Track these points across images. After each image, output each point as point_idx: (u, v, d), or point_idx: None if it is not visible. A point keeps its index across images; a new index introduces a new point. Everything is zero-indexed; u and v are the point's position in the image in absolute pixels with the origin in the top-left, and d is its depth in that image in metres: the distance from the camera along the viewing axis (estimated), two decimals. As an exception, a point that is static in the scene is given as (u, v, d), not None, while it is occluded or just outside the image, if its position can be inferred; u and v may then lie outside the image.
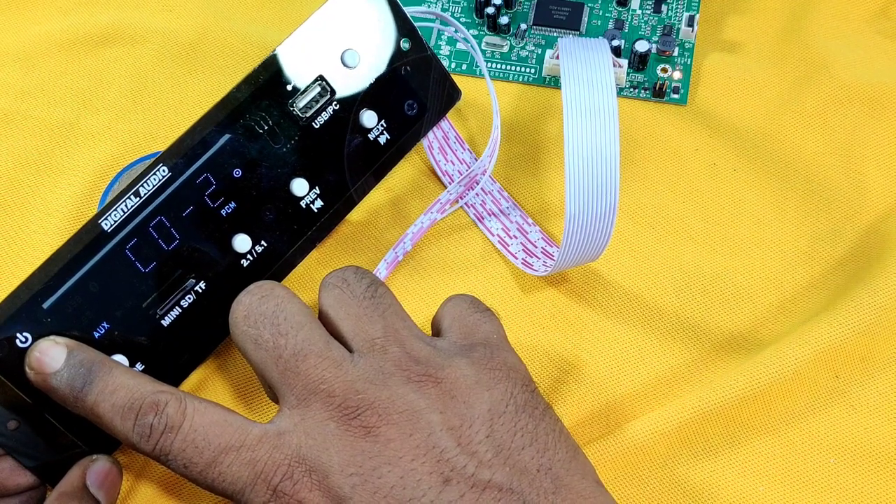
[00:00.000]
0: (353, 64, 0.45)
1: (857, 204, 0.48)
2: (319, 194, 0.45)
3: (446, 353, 0.37)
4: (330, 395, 0.35)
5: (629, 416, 0.43)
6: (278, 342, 0.36)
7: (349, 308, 0.37)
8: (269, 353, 0.36)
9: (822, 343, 0.43)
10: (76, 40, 0.54)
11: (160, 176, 0.41)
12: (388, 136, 0.46)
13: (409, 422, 0.34)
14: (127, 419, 0.36)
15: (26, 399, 0.39)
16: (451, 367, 0.36)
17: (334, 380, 0.35)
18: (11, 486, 0.39)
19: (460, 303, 0.40)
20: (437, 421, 0.35)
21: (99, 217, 0.40)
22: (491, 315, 0.40)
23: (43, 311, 0.39)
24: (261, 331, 0.37)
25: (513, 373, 0.37)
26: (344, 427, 0.34)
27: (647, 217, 0.48)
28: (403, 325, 0.38)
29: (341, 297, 0.38)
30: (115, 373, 0.37)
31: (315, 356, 0.36)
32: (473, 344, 0.38)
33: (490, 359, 0.37)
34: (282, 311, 0.37)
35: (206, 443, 0.35)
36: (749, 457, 0.42)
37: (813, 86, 0.51)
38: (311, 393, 0.35)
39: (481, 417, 0.35)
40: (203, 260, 0.42)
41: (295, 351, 0.36)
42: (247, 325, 0.37)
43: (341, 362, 0.36)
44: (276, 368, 0.36)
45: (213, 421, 0.35)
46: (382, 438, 0.34)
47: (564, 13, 0.53)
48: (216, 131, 0.42)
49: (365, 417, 0.34)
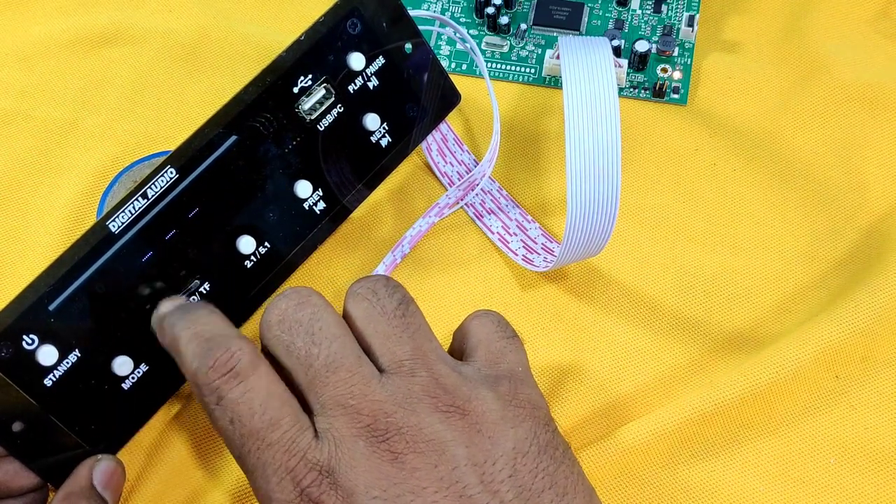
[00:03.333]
0: (358, 67, 0.45)
1: (857, 204, 0.48)
2: (322, 196, 0.45)
3: (473, 383, 0.36)
4: (358, 411, 0.34)
5: (629, 415, 0.43)
6: (311, 351, 0.36)
7: (378, 325, 0.37)
8: (300, 361, 0.36)
9: (822, 343, 0.43)
10: (76, 40, 0.54)
11: (168, 177, 0.41)
12: (389, 139, 0.46)
13: (436, 452, 0.34)
14: (200, 346, 0.35)
15: (31, 401, 0.39)
16: (478, 400, 0.36)
17: (363, 397, 0.35)
18: (15, 487, 0.39)
19: (487, 324, 0.39)
20: (463, 455, 0.34)
21: (106, 218, 0.40)
22: (517, 342, 0.39)
23: (49, 312, 0.39)
24: (294, 337, 0.36)
25: (536, 411, 0.36)
26: (372, 448, 0.34)
27: (647, 217, 0.48)
28: (431, 346, 0.37)
29: (371, 312, 0.37)
30: (212, 313, 0.37)
31: (346, 370, 0.35)
32: (499, 375, 0.37)
33: (515, 394, 0.36)
34: (317, 319, 0.36)
35: (261, 408, 0.34)
36: (749, 457, 0.42)
37: (813, 86, 0.51)
38: (337, 405, 0.35)
39: (505, 456, 0.35)
40: (208, 261, 0.42)
41: (327, 362, 0.35)
42: (280, 331, 0.36)
43: (370, 380, 0.35)
44: (304, 376, 0.36)
45: (276, 392, 0.35)
46: (409, 466, 0.34)
47: (564, 13, 0.54)
48: (223, 133, 0.42)
49: (393, 442, 0.34)
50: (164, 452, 0.43)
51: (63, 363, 0.39)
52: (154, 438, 0.44)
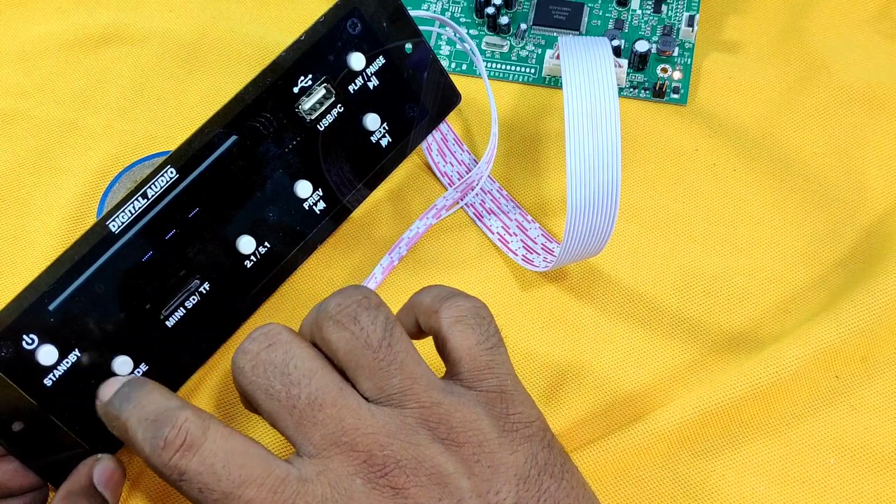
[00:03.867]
0: (359, 67, 0.45)
1: (857, 204, 0.48)
2: (322, 196, 0.45)
3: (466, 407, 0.35)
4: (352, 448, 0.33)
5: (629, 415, 0.43)
6: (291, 392, 0.34)
7: (363, 359, 0.35)
8: (282, 404, 0.34)
9: (822, 343, 0.43)
10: (76, 40, 0.54)
11: (168, 177, 0.41)
12: (389, 139, 0.46)
13: (438, 486, 0.33)
14: (147, 430, 0.34)
15: (31, 400, 0.39)
16: (474, 428, 0.35)
17: (355, 431, 0.33)
18: (15, 486, 0.39)
19: (469, 334, 0.37)
20: (467, 487, 0.33)
21: (106, 218, 0.40)
22: (501, 350, 0.37)
23: (49, 312, 0.39)
24: (271, 381, 0.35)
25: (530, 429, 0.35)
26: (371, 485, 0.33)
27: (647, 217, 0.48)
28: (420, 372, 0.35)
29: (354, 345, 0.35)
30: (153, 391, 0.36)
31: (330, 405, 0.34)
32: (489, 394, 0.36)
33: (507, 414, 0.35)
34: (291, 358, 0.35)
35: (225, 471, 0.33)
36: (749, 457, 0.42)
37: (813, 86, 0.51)
38: (331, 444, 0.33)
39: (508, 484, 0.34)
40: (208, 261, 0.42)
41: (310, 400, 0.34)
42: (255, 376, 0.35)
43: (359, 411, 0.34)
44: (290, 419, 0.34)
45: (236, 449, 0.34)
46: (411, 501, 0.33)
47: (564, 13, 0.54)
48: (223, 133, 0.42)
49: (393, 477, 0.33)
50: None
51: (63, 363, 0.39)
52: (154, 438, 0.44)
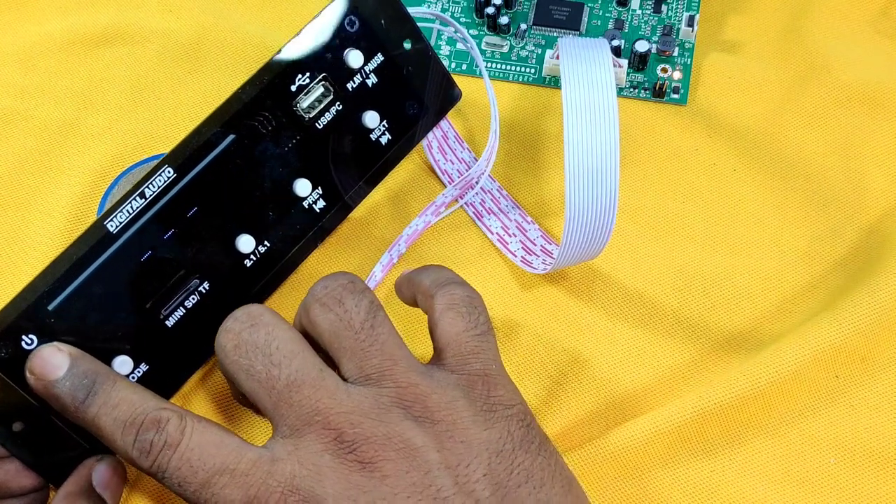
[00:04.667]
0: (357, 64, 0.45)
1: (857, 204, 0.48)
2: (322, 194, 0.45)
3: (444, 389, 0.36)
4: (325, 426, 0.34)
5: (629, 415, 0.43)
6: (271, 373, 0.35)
7: (345, 340, 0.36)
8: (261, 384, 0.35)
9: (822, 343, 0.43)
10: (76, 40, 0.54)
11: (166, 177, 0.41)
12: (389, 137, 0.46)
13: (407, 459, 0.34)
14: (128, 434, 0.35)
15: (31, 401, 0.39)
16: (450, 407, 0.35)
17: (329, 411, 0.34)
18: (16, 487, 0.39)
19: (457, 321, 0.38)
20: (436, 459, 0.34)
21: (104, 218, 0.40)
22: (489, 338, 0.38)
23: (48, 312, 0.39)
24: (252, 361, 0.36)
25: (510, 409, 0.36)
26: (339, 460, 0.34)
27: (647, 217, 0.48)
28: (401, 355, 0.36)
29: (338, 326, 0.36)
30: (119, 386, 0.37)
31: (309, 386, 0.35)
32: (471, 376, 0.37)
33: (488, 396, 0.36)
34: (273, 339, 0.36)
35: (200, 462, 0.34)
36: (749, 457, 0.42)
37: (813, 86, 0.51)
38: (304, 423, 0.34)
39: (479, 457, 0.34)
40: (207, 260, 0.42)
41: (288, 381, 0.35)
42: (237, 356, 0.36)
43: (335, 392, 0.35)
44: (269, 399, 0.35)
45: (210, 441, 0.35)
46: (378, 474, 0.34)
47: (564, 13, 0.54)
48: (221, 132, 0.42)
49: (361, 451, 0.34)
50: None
51: (62, 363, 0.39)
52: (154, 438, 0.44)
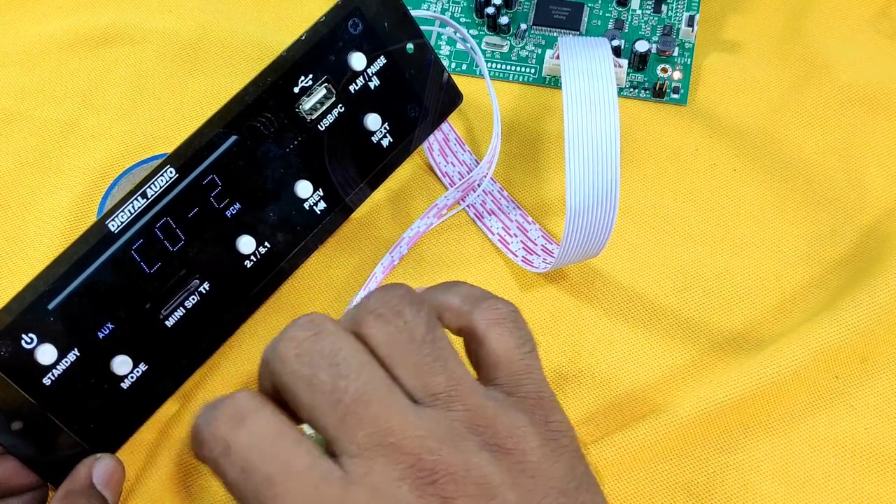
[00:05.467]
0: (359, 67, 0.45)
1: (857, 204, 0.48)
2: (323, 196, 0.45)
3: (509, 413, 0.33)
4: (400, 450, 0.31)
5: (628, 415, 0.43)
6: (338, 385, 0.32)
7: (406, 354, 0.33)
8: (326, 397, 0.32)
9: (822, 343, 0.43)
10: (76, 40, 0.54)
11: (167, 177, 0.41)
12: (390, 139, 0.46)
13: (486, 497, 0.31)
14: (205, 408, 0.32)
15: (30, 399, 0.39)
16: (519, 435, 0.33)
17: (402, 432, 0.31)
18: (15, 485, 0.39)
19: (507, 337, 0.35)
20: (513, 499, 0.31)
21: (106, 218, 0.40)
22: (536, 356, 0.36)
23: (48, 311, 0.39)
24: (316, 371, 0.32)
25: (567, 439, 0.34)
26: (418, 493, 0.31)
27: (647, 217, 0.48)
28: (463, 373, 0.34)
29: (397, 339, 0.33)
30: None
31: (377, 403, 0.32)
32: (528, 399, 0.34)
33: (547, 422, 0.34)
34: (339, 349, 0.33)
35: (272, 450, 0.31)
36: (750, 457, 0.42)
37: (813, 86, 0.51)
38: (376, 444, 0.31)
39: (549, 495, 0.32)
40: (208, 261, 0.42)
41: (357, 395, 0.32)
42: (299, 365, 0.32)
43: (406, 412, 0.32)
44: (333, 413, 0.32)
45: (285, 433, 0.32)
46: None
47: (564, 13, 0.54)
48: (223, 133, 0.42)
49: (442, 485, 0.31)
50: (164, 452, 0.43)
51: (62, 362, 0.39)
52: (154, 438, 0.44)
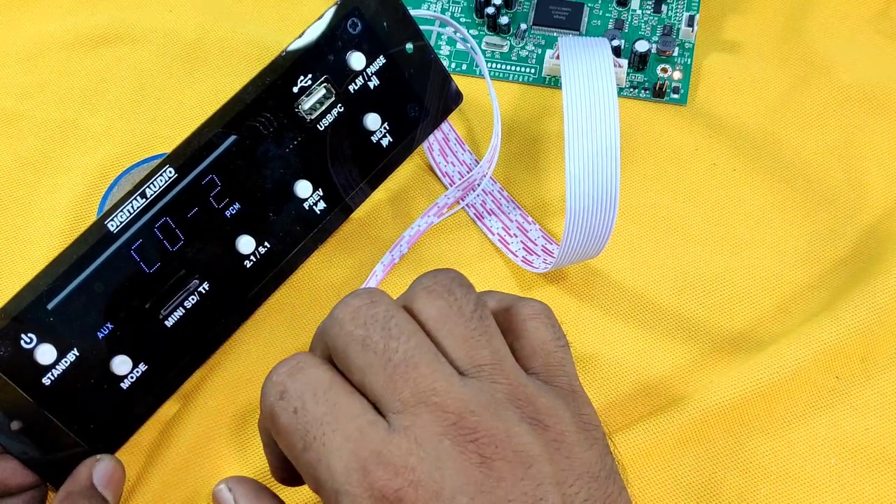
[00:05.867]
0: (359, 66, 0.45)
1: (857, 204, 0.48)
2: (322, 196, 0.45)
3: (549, 396, 0.35)
4: (443, 409, 0.32)
5: (628, 415, 0.44)
6: (389, 345, 0.34)
7: (455, 327, 0.34)
8: (378, 356, 0.34)
9: (822, 343, 0.43)
10: (77, 40, 0.54)
11: (167, 177, 0.41)
12: (390, 139, 0.46)
13: (523, 465, 0.32)
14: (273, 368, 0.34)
15: (29, 399, 0.39)
16: (557, 416, 0.34)
17: (446, 394, 0.33)
18: (14, 485, 0.39)
19: (543, 329, 0.37)
20: (548, 473, 0.33)
21: (105, 218, 0.40)
22: (569, 351, 0.37)
23: (47, 311, 0.39)
24: (370, 332, 0.34)
25: (598, 432, 0.35)
26: (460, 448, 0.32)
27: (647, 217, 0.48)
28: (507, 353, 0.35)
29: (447, 312, 0.35)
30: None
31: (426, 366, 0.33)
32: (563, 390, 0.35)
33: (580, 413, 0.35)
34: (392, 315, 0.35)
35: (325, 394, 0.33)
36: (750, 457, 0.42)
37: (813, 86, 0.51)
38: (420, 402, 0.33)
39: (581, 479, 0.33)
40: (207, 261, 0.42)
41: (406, 356, 0.34)
42: (354, 325, 0.34)
43: (451, 378, 0.33)
44: (383, 372, 0.33)
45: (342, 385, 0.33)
46: (496, 474, 0.32)
47: (564, 13, 0.54)
48: (222, 133, 0.42)
49: (481, 444, 0.32)
50: (164, 452, 0.43)
51: (61, 362, 0.39)
52: (154, 438, 0.44)
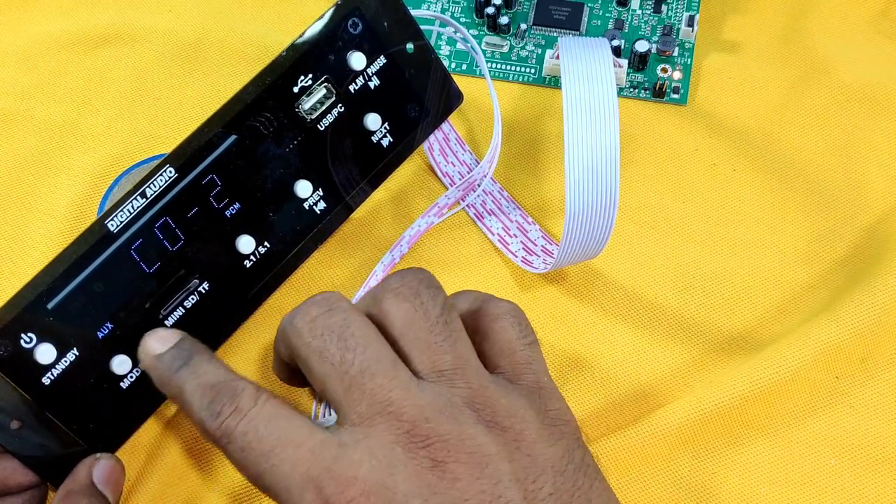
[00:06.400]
0: (359, 66, 0.45)
1: (857, 204, 0.48)
2: (322, 196, 0.45)
3: (510, 397, 0.35)
4: (398, 417, 0.33)
5: (629, 416, 0.43)
6: (345, 357, 0.35)
7: (420, 331, 0.35)
8: (334, 368, 0.35)
9: (822, 343, 0.43)
10: (76, 40, 0.54)
11: (167, 177, 0.41)
12: (390, 139, 0.46)
13: (479, 465, 0.33)
14: (205, 397, 0.35)
15: (29, 399, 0.39)
16: (517, 416, 0.35)
17: (402, 402, 0.34)
18: (13, 484, 0.39)
19: (508, 328, 0.37)
20: (506, 470, 0.33)
21: (105, 217, 0.40)
22: (537, 347, 0.38)
23: (47, 311, 0.39)
24: (327, 344, 0.35)
25: (567, 426, 0.36)
26: (411, 454, 0.33)
27: (647, 217, 0.48)
28: (471, 357, 0.36)
29: (412, 317, 0.36)
30: (211, 361, 0.37)
31: (382, 375, 0.34)
32: (528, 388, 0.36)
33: (546, 409, 0.36)
34: (348, 325, 0.35)
35: (266, 431, 0.34)
36: (749, 457, 0.42)
37: (813, 86, 0.51)
38: (376, 413, 0.34)
39: (545, 474, 0.34)
40: (207, 261, 0.42)
41: (362, 368, 0.34)
42: (311, 337, 0.35)
43: (408, 385, 0.34)
44: (340, 384, 0.34)
45: (280, 414, 0.34)
46: (450, 476, 0.33)
47: (564, 13, 0.54)
48: (222, 133, 0.42)
49: (434, 449, 0.33)
50: (164, 452, 0.43)
51: (61, 361, 0.39)
52: (154, 438, 0.44)
